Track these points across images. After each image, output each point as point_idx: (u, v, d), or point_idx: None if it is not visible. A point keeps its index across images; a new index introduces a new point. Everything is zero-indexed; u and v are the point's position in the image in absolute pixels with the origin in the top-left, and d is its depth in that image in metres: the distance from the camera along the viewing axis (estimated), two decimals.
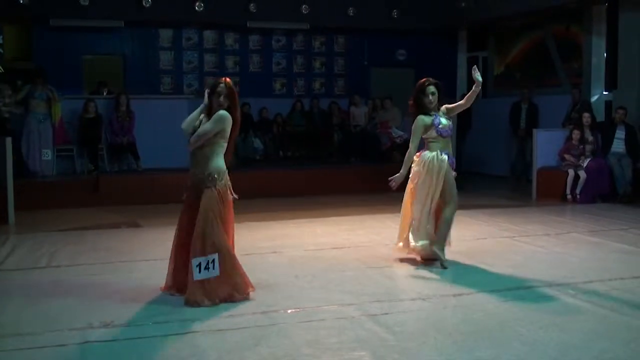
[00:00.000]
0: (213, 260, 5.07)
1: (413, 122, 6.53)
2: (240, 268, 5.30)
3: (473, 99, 6.55)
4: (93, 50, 14.03)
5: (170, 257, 5.45)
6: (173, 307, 5.06)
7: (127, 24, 13.39)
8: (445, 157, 6.38)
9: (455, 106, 6.66)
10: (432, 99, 6.43)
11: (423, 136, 6.49)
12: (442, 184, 6.34)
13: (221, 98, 5.25)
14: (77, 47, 13.66)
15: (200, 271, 5.06)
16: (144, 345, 4.30)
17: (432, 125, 6.42)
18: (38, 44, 13.53)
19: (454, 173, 6.50)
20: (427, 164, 6.37)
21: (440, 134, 6.41)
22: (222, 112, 5.24)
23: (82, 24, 13.08)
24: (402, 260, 6.59)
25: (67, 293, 5.50)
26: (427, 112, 6.44)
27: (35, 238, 7.93)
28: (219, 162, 5.26)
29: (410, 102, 6.58)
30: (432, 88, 6.43)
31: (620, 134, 11.03)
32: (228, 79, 5.38)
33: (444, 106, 6.58)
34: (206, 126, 5.22)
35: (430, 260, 6.44)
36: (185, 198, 5.38)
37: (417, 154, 6.51)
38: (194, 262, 5.06)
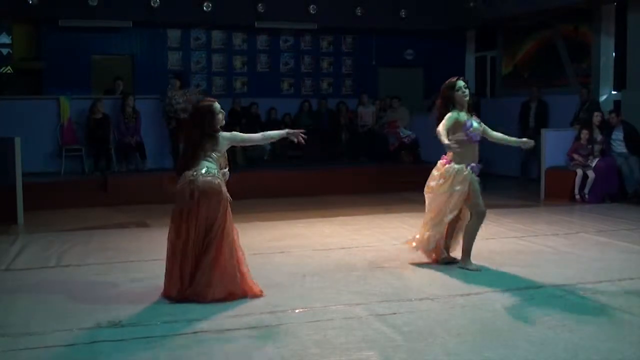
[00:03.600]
0: None
1: (440, 122, 6.01)
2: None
3: (499, 141, 6.54)
4: (102, 51, 14.05)
5: None
6: (181, 306, 5.06)
7: (136, 24, 13.40)
8: (469, 170, 6.07)
9: (486, 129, 6.30)
10: (466, 92, 6.11)
11: (449, 138, 5.95)
12: (462, 200, 6.10)
13: None
14: (86, 48, 13.69)
15: None
16: (152, 344, 4.31)
17: (463, 125, 6.07)
18: (47, 44, 13.55)
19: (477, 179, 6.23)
20: (452, 177, 6.05)
21: (470, 138, 6.06)
22: None
23: (91, 24, 13.09)
24: (409, 260, 6.57)
25: (76, 293, 5.53)
26: (460, 111, 6.11)
27: (44, 238, 7.96)
28: None
29: (439, 102, 6.20)
30: (462, 82, 6.15)
31: (618, 135, 11.02)
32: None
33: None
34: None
35: (446, 262, 6.41)
36: None
37: (442, 162, 6.17)
38: None
